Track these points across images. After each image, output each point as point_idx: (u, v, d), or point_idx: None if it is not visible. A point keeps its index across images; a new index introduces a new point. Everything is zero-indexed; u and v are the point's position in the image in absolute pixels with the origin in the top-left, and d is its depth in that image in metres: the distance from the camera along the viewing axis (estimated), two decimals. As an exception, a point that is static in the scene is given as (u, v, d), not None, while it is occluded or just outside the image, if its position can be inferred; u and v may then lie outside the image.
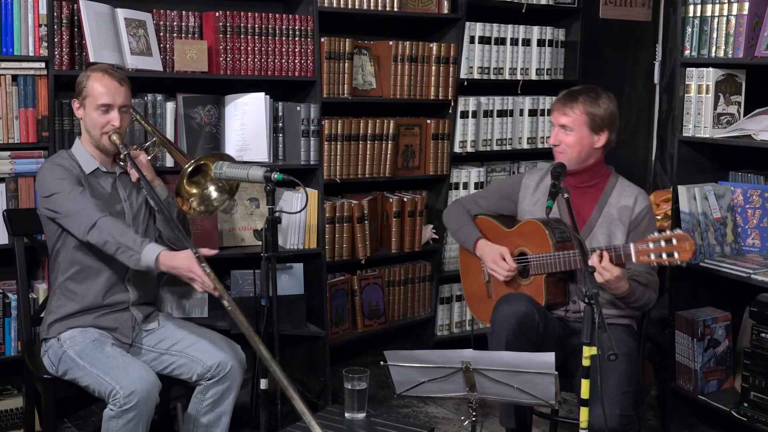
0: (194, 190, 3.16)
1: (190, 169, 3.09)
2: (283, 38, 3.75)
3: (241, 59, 3.67)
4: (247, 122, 3.73)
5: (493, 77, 4.38)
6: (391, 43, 4.07)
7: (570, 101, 3.03)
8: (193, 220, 3.48)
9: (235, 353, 2.98)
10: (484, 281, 3.28)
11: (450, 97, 4.23)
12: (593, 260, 2.78)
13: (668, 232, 2.73)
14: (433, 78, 4.17)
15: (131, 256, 2.77)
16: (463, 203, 3.41)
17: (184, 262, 2.74)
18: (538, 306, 2.95)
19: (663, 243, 2.72)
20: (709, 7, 3.50)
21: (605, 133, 3.03)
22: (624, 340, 2.94)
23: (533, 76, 4.52)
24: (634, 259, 2.78)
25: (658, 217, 4.03)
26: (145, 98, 3.52)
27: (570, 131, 3.01)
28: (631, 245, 2.78)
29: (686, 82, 3.60)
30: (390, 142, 4.06)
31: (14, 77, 3.26)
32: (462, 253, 3.40)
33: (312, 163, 3.82)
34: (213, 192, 3.19)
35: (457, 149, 4.31)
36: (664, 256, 2.72)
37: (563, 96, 3.07)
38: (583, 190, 3.07)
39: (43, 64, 3.29)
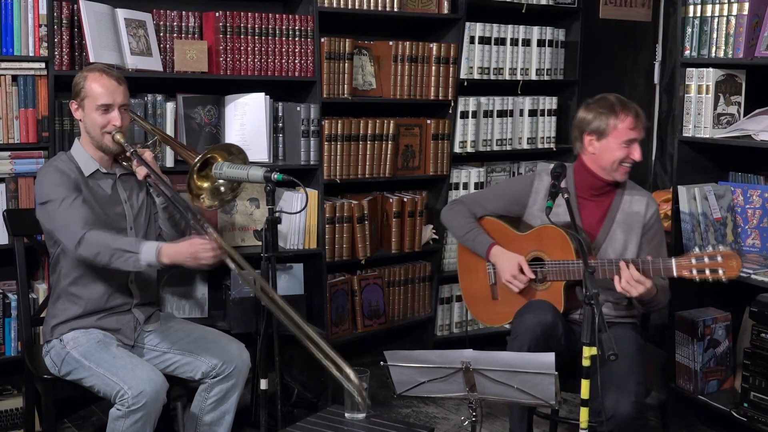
0: (205, 185, 3.13)
1: (198, 164, 3.08)
2: (283, 38, 3.75)
3: (241, 59, 3.67)
4: (247, 122, 3.73)
5: (493, 77, 4.39)
6: (391, 43, 4.07)
7: (640, 112, 3.01)
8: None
9: (239, 351, 2.98)
10: (489, 283, 3.23)
11: (450, 97, 4.23)
12: (623, 272, 2.77)
13: (710, 249, 2.69)
14: (433, 78, 4.17)
15: (128, 259, 2.75)
16: (467, 205, 3.31)
17: (187, 249, 2.73)
18: (559, 315, 2.94)
19: (707, 259, 2.68)
20: (709, 7, 3.50)
21: None
22: (634, 337, 2.98)
23: (533, 77, 4.52)
24: (675, 274, 2.74)
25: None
26: (145, 98, 3.51)
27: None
28: (673, 260, 2.75)
29: (686, 83, 3.60)
30: (390, 142, 4.06)
31: (14, 77, 3.26)
32: (462, 251, 3.35)
33: (312, 163, 3.82)
34: (223, 183, 3.17)
35: (457, 149, 4.31)
36: (708, 272, 2.68)
37: (633, 106, 3.01)
38: (600, 197, 3.08)
39: (43, 64, 3.29)
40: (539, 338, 2.82)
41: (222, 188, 3.16)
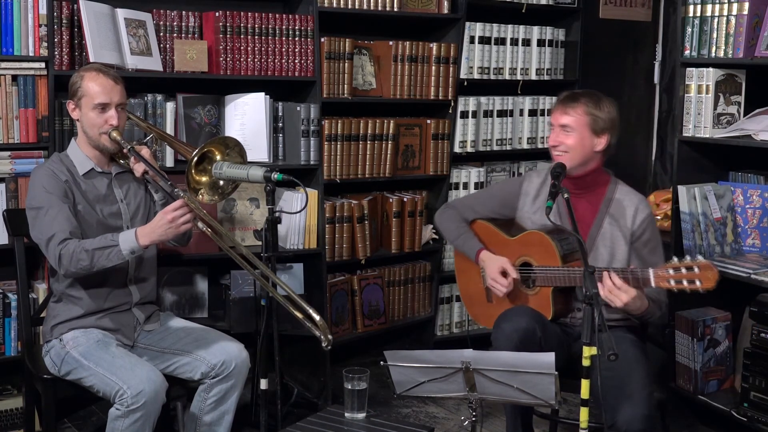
0: (203, 179, 3.11)
1: (196, 159, 3.06)
2: (283, 38, 3.75)
3: (241, 59, 3.67)
4: (247, 122, 3.73)
5: (493, 77, 4.39)
6: (391, 43, 4.07)
7: (572, 101, 2.99)
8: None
9: (238, 352, 2.98)
10: (483, 286, 3.22)
11: (450, 97, 4.23)
12: (605, 281, 2.73)
13: (688, 259, 2.66)
14: (433, 78, 4.17)
15: (110, 254, 2.79)
16: (458, 209, 3.31)
17: (161, 220, 2.79)
18: (539, 318, 2.91)
19: (684, 270, 2.65)
20: (709, 7, 3.51)
21: (606, 136, 2.97)
22: (635, 341, 2.94)
23: (533, 76, 4.52)
24: (653, 284, 2.71)
25: (658, 218, 4.03)
26: (145, 98, 3.51)
27: (571, 131, 2.96)
28: (651, 271, 2.71)
29: (686, 82, 3.60)
30: (390, 142, 4.06)
31: (14, 77, 3.26)
32: (458, 253, 3.34)
33: (312, 163, 3.82)
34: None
35: (457, 149, 4.31)
36: (685, 282, 2.65)
37: (565, 96, 3.03)
38: (581, 196, 3.02)
39: (43, 64, 3.29)
40: (518, 346, 2.79)
41: (221, 181, 3.14)
